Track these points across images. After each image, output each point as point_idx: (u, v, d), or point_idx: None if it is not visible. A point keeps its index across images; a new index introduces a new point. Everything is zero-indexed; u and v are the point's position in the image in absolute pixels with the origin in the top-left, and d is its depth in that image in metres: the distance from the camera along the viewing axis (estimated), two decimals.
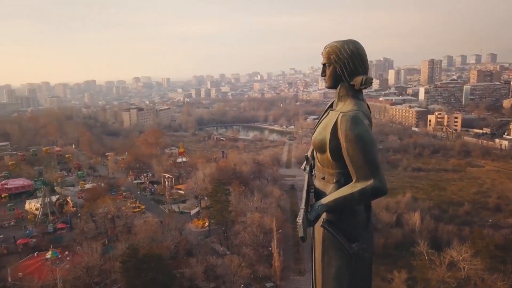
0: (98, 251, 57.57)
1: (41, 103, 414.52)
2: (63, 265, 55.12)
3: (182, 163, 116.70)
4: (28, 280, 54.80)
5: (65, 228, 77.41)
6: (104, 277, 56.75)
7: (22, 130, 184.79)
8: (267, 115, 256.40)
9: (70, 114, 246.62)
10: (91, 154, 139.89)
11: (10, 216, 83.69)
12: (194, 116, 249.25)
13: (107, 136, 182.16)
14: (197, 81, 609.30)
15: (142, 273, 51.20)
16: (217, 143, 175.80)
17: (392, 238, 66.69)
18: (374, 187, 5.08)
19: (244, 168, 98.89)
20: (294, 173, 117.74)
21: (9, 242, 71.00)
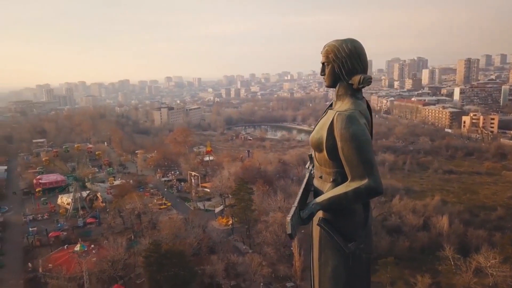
0: (123, 246, 59.23)
1: (78, 102, 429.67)
2: (89, 258, 56.94)
3: (209, 162, 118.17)
4: (57, 271, 57.05)
5: (94, 222, 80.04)
6: (128, 271, 58.35)
7: (58, 128, 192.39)
8: (296, 115, 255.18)
9: (103, 113, 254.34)
10: (122, 152, 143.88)
11: (44, 210, 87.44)
12: (223, 115, 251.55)
13: (138, 134, 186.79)
14: (228, 81, 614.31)
15: (164, 268, 52.26)
16: (244, 142, 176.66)
17: (418, 242, 65.01)
18: (368, 186, 5.07)
19: (269, 168, 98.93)
20: None
21: (42, 235, 74.22)
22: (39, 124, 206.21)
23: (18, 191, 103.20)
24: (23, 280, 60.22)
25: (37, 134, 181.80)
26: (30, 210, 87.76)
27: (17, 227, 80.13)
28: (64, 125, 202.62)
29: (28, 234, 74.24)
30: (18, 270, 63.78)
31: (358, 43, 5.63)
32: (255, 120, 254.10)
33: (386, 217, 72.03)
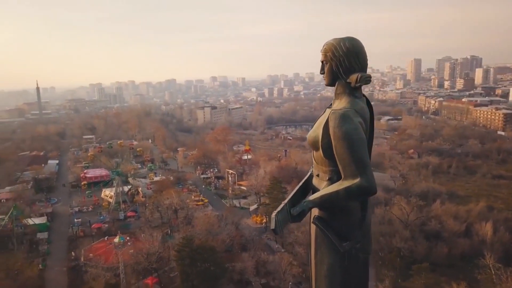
0: (158, 239, 61.20)
1: (127, 100, 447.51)
2: (125, 250, 59.45)
3: (247, 160, 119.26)
4: (96, 261, 60.10)
5: (134, 216, 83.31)
6: (162, 264, 60.19)
7: (107, 125, 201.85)
8: None
9: (149, 111, 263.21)
10: (164, 149, 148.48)
11: (89, 203, 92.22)
12: (264, 115, 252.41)
13: (181, 133, 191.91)
14: (271, 81, 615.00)
15: (196, 263, 53.49)
16: (283, 142, 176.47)
17: (458, 249, 62.07)
18: (360, 185, 5.05)
19: (305, 167, 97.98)
20: None
21: (86, 226, 78.43)
22: (90, 121, 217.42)
23: (67, 184, 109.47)
24: (66, 268, 63.90)
25: (87, 130, 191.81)
26: (76, 202, 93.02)
27: (64, 218, 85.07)
28: (112, 123, 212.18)
29: (73, 224, 78.70)
30: (62, 258, 67.78)
31: (357, 42, 5.61)
32: (296, 120, 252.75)
33: (425, 222, 69.27)
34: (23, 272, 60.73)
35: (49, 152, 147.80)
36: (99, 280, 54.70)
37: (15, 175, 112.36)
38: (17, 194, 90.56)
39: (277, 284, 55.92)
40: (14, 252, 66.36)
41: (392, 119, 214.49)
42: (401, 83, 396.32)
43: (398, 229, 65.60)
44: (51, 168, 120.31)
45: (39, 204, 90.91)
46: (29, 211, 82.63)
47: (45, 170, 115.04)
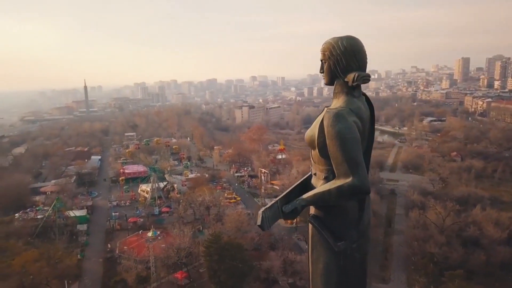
0: (188, 235, 62.57)
1: (169, 99, 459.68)
2: (155, 244, 61.26)
3: (281, 160, 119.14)
4: (129, 253, 62.38)
5: (168, 211, 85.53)
6: (192, 259, 61.46)
7: (148, 123, 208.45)
8: (379, 115, 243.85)
9: (189, 110, 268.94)
10: (202, 147, 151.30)
11: (126, 197, 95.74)
12: (301, 114, 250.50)
13: (218, 131, 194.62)
14: (311, 80, 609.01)
15: (223, 260, 54.17)
16: None
17: (497, 257, 58.67)
18: (352, 185, 5.10)
19: None
20: (398, 177, 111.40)
21: (122, 219, 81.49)
22: (132, 119, 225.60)
23: (108, 179, 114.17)
24: (102, 259, 66.78)
25: (129, 128, 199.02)
26: (115, 197, 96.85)
27: (103, 211, 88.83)
28: (153, 121, 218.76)
29: (111, 218, 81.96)
30: (99, 250, 70.89)
31: (355, 41, 5.65)
32: None
33: (463, 227, 66.19)
34: (63, 261, 63.93)
35: (93, 148, 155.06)
36: (131, 272, 56.81)
37: (60, 169, 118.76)
38: (61, 187, 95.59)
39: (304, 284, 55.55)
40: (55, 241, 69.92)
41: (435, 120, 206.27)
42: (447, 83, 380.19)
43: (433, 234, 63.22)
44: (93, 164, 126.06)
45: (81, 197, 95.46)
46: (71, 204, 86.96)
47: (88, 165, 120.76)
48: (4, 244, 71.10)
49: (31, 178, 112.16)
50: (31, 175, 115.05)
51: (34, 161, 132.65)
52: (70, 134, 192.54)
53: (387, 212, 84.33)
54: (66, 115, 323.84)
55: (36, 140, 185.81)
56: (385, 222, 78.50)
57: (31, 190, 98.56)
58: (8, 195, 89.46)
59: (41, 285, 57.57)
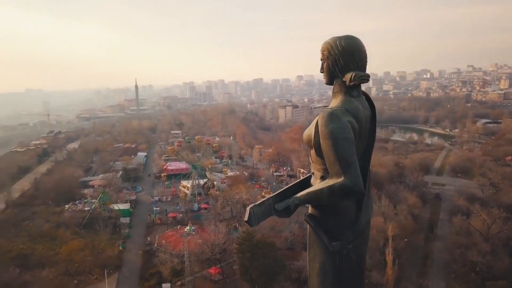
0: (223, 232, 63.64)
1: (215, 99, 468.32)
2: (191, 239, 62.85)
3: None
4: (166, 247, 64.52)
5: (207, 208, 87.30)
6: (226, 255, 62.48)
7: (194, 121, 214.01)
8: (429, 116, 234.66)
9: (234, 109, 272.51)
10: (243, 146, 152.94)
11: (168, 193, 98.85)
12: None
13: (261, 130, 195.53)
14: None
15: (255, 257, 54.60)
16: None
17: None
18: (343, 184, 5.13)
19: (380, 170, 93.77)
20: (445, 181, 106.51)
21: (163, 214, 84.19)
22: (179, 118, 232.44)
23: (152, 174, 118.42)
24: (142, 251, 69.48)
25: (176, 126, 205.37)
26: (157, 192, 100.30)
27: (145, 206, 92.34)
28: (199, 119, 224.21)
29: (152, 212, 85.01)
30: (139, 242, 73.75)
31: (353, 40, 5.69)
32: (382, 120, 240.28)
33: (510, 236, 62.13)
34: (105, 251, 67.50)
35: (140, 144, 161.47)
36: (166, 265, 58.75)
37: (108, 164, 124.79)
38: (108, 181, 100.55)
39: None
40: (99, 233, 73.70)
41: (490, 122, 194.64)
42: (506, 83, 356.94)
43: (477, 241, 59.93)
44: (139, 160, 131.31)
45: (126, 191, 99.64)
46: (116, 197, 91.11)
47: (134, 161, 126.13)
48: (54, 233, 76.36)
49: (82, 172, 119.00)
50: (82, 169, 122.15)
51: (86, 156, 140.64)
52: (120, 131, 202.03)
53: (430, 217, 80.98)
54: (118, 113, 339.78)
55: (89, 136, 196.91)
56: (427, 227, 75.42)
57: (81, 183, 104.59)
58: (60, 188, 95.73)
59: (84, 273, 61.09)
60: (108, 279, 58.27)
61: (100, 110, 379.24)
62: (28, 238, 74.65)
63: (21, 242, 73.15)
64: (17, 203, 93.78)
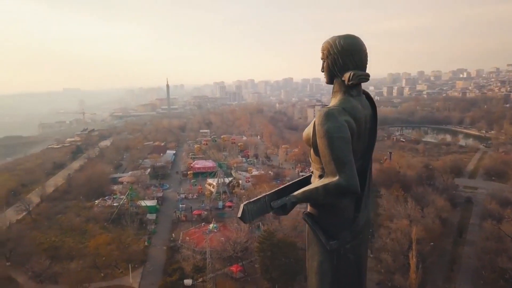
0: (245, 230, 63.98)
1: (245, 98, 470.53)
2: (213, 236, 63.61)
3: None
4: (189, 244, 65.59)
5: (231, 206, 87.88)
6: (247, 254, 62.79)
7: (222, 121, 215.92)
8: (464, 117, 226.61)
9: (262, 109, 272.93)
10: (270, 145, 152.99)
11: (194, 191, 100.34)
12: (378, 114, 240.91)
13: (289, 130, 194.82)
14: (392, 79, 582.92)
15: (275, 256, 54.66)
16: (395, 143, 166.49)
17: None
18: (337, 184, 5.13)
19: (409, 172, 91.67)
20: (478, 184, 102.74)
21: (188, 211, 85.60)
22: (208, 117, 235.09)
23: (180, 172, 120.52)
24: (166, 247, 70.85)
25: (204, 125, 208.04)
26: (183, 190, 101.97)
27: (171, 202, 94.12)
28: (227, 119, 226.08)
29: (178, 209, 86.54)
30: (165, 238, 75.20)
31: (352, 40, 5.70)
32: (414, 121, 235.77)
33: None
34: (131, 246, 69.37)
35: (169, 143, 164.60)
36: (188, 261, 59.75)
37: (138, 161, 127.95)
38: (136, 178, 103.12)
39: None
40: (126, 228, 75.78)
41: None
42: None
43: (508, 247, 57.49)
44: (167, 158, 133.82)
45: (153, 188, 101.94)
46: (143, 194, 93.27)
47: (163, 159, 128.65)
48: (84, 227, 79.17)
49: (112, 168, 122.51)
50: (112, 166, 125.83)
51: (117, 153, 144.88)
52: (151, 129, 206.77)
53: (460, 221, 78.37)
54: (149, 111, 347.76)
55: (121, 134, 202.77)
56: (456, 232, 73.04)
57: (111, 180, 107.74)
58: (91, 183, 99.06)
59: (111, 266, 63.00)
60: (132, 273, 60.02)
61: (133, 109, 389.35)
62: (59, 231, 77.77)
63: (53, 235, 76.37)
64: (51, 197, 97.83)
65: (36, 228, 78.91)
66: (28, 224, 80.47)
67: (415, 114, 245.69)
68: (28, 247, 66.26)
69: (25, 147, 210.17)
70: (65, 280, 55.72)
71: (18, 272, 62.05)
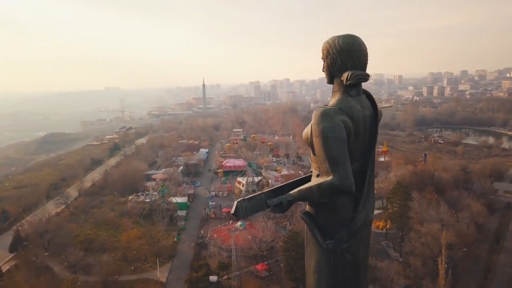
0: (271, 230, 64.15)
1: (280, 98, 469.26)
2: (239, 234, 64.20)
3: (383, 162, 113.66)
4: (216, 241, 66.53)
5: None
6: (273, 253, 62.97)
7: (255, 120, 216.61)
8: (509, 119, 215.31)
9: (295, 108, 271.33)
10: (302, 145, 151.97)
11: (224, 189, 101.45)
12: (415, 115, 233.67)
13: None
14: (433, 79, 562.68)
15: (301, 257, 54.27)
16: (432, 145, 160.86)
17: None
18: (330, 183, 5.12)
19: (444, 175, 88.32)
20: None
21: (217, 209, 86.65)
22: (241, 116, 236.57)
23: (211, 170, 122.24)
24: (194, 244, 72.21)
25: (238, 124, 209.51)
26: (214, 187, 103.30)
27: (202, 200, 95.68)
28: (260, 118, 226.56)
29: (208, 206, 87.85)
30: (193, 235, 76.66)
31: (352, 39, 5.67)
32: (454, 122, 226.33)
33: None
34: (161, 241, 71.37)
35: (203, 141, 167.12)
36: (215, 258, 60.57)
37: (171, 159, 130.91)
38: (169, 175, 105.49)
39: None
40: (157, 223, 77.87)
41: None
42: None
43: None
44: (200, 156, 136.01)
45: (185, 185, 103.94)
46: (175, 191, 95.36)
47: (195, 157, 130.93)
48: (118, 221, 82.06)
49: (146, 165, 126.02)
50: (147, 163, 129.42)
51: (152, 150, 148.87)
52: (186, 128, 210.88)
53: (498, 227, 74.78)
54: (186, 110, 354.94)
55: (157, 132, 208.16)
56: (493, 238, 69.79)
57: (145, 176, 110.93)
58: (126, 179, 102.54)
59: (140, 260, 65.00)
60: (160, 267, 61.58)
61: (170, 108, 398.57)
62: (94, 225, 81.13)
63: (89, 228, 79.80)
64: (88, 192, 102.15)
65: (73, 221, 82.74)
66: (66, 217, 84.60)
67: (455, 115, 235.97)
68: (65, 238, 69.65)
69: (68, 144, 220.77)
70: (97, 272, 58.06)
71: (54, 262, 65.41)
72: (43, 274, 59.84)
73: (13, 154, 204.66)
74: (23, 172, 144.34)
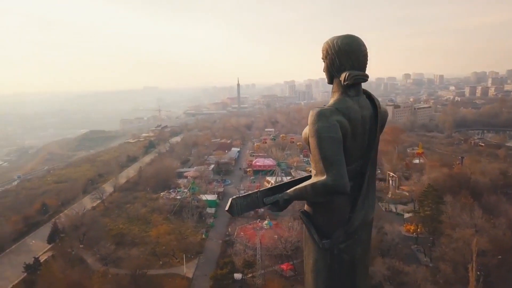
0: (297, 230, 63.86)
1: (315, 97, 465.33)
2: (264, 233, 64.41)
3: (418, 164, 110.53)
4: (242, 239, 67.13)
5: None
6: (298, 253, 62.56)
7: (288, 119, 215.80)
8: None
9: None
10: None
11: (252, 188, 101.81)
12: (455, 116, 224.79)
13: None
14: (476, 78, 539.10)
15: None
16: (472, 148, 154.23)
17: None
18: (324, 183, 5.14)
19: (481, 179, 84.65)
20: None
21: None
22: (274, 116, 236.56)
23: (242, 169, 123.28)
24: (222, 241, 73.14)
25: (270, 124, 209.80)
26: (244, 186, 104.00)
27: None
28: (293, 117, 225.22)
29: None
30: (221, 232, 77.60)
31: (351, 40, 5.70)
32: (497, 124, 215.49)
33: None
34: (189, 237, 72.79)
35: (235, 140, 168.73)
36: (240, 256, 61.15)
37: (203, 157, 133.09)
38: (200, 173, 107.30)
39: None
40: (186, 220, 79.48)
41: None
42: None
43: None
44: (232, 155, 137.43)
45: (215, 184, 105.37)
46: (205, 189, 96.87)
47: (227, 156, 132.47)
48: (149, 216, 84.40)
49: (179, 163, 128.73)
50: (180, 161, 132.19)
51: (185, 149, 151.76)
52: (219, 127, 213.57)
53: None
54: (220, 110, 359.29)
55: (191, 131, 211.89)
56: None
57: (177, 174, 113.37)
58: (159, 176, 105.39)
59: (169, 255, 66.59)
60: (187, 263, 62.87)
61: (205, 107, 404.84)
62: (127, 219, 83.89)
63: (121, 222, 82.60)
64: (122, 188, 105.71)
65: (107, 215, 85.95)
66: (100, 211, 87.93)
67: (499, 116, 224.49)
68: (99, 232, 72.50)
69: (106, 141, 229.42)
70: (126, 265, 60.05)
71: (88, 254, 68.22)
72: (77, 265, 62.64)
73: (57, 150, 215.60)
74: (64, 167, 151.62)
